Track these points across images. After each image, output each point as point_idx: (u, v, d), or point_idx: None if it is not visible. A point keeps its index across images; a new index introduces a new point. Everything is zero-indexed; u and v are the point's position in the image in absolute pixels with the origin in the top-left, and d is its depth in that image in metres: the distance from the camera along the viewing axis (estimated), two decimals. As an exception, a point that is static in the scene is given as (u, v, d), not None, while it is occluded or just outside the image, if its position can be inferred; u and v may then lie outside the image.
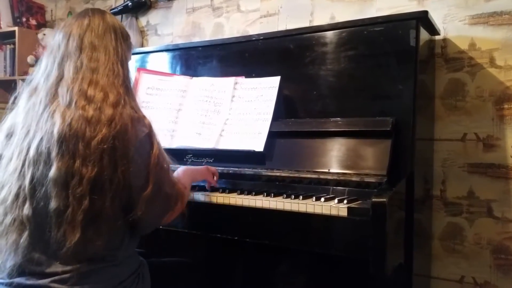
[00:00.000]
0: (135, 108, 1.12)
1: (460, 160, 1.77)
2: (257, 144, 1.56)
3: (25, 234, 1.02)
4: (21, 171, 1.04)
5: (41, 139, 1.02)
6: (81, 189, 0.99)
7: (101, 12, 1.19)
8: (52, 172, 0.99)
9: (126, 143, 1.03)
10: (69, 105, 1.04)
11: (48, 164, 1.01)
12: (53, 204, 1.00)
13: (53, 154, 1.00)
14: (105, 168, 1.00)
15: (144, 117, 1.11)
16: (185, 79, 1.85)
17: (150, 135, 1.09)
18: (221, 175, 1.59)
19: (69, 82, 1.07)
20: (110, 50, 1.14)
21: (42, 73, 1.13)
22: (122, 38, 1.19)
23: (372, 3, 1.97)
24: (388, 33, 1.50)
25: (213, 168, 1.52)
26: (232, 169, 1.60)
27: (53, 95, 1.07)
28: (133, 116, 1.07)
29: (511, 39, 1.68)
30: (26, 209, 1.02)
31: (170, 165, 1.18)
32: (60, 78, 1.09)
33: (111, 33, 1.16)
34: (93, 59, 1.10)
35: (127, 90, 1.13)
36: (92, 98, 1.05)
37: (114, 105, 1.05)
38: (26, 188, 1.02)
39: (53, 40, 1.16)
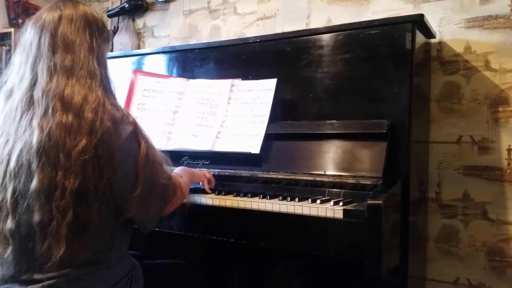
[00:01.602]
0: (117, 106, 1.07)
1: (456, 162, 1.78)
2: (254, 146, 1.56)
3: (10, 249, 0.99)
4: (2, 182, 1.00)
5: (21, 150, 0.98)
6: (64, 202, 0.95)
7: (74, 4, 1.11)
8: (34, 184, 0.96)
9: (110, 149, 0.99)
10: (45, 113, 0.99)
11: (29, 176, 0.97)
12: (36, 218, 0.96)
13: (34, 166, 0.96)
14: (89, 178, 0.97)
15: (127, 114, 1.06)
16: (182, 81, 1.86)
17: (135, 133, 1.04)
18: (218, 177, 1.59)
19: (43, 86, 1.01)
20: (85, 47, 1.07)
21: (16, 74, 1.07)
22: (98, 31, 1.11)
23: (368, 6, 1.98)
24: (384, 36, 1.51)
25: (209, 175, 1.52)
26: (228, 171, 1.60)
27: (29, 101, 1.02)
28: (115, 117, 1.02)
29: (506, 43, 1.70)
30: (9, 223, 0.99)
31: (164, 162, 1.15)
32: (34, 81, 1.03)
33: (85, 28, 1.08)
34: (67, 59, 1.04)
35: (106, 90, 1.07)
36: (70, 103, 0.99)
37: (94, 110, 0.99)
38: (8, 202, 0.98)
39: (24, 36, 1.09)
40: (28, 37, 1.08)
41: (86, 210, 0.97)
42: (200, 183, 1.51)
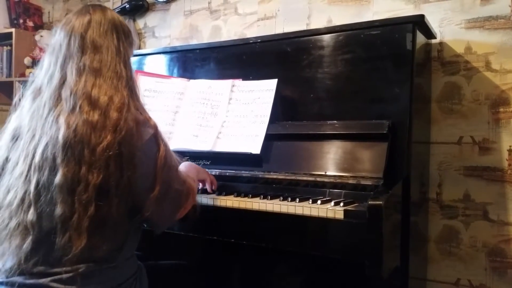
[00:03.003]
0: (140, 110, 1.11)
1: (456, 163, 1.78)
2: (254, 146, 1.56)
3: (29, 239, 1.01)
4: (27, 175, 1.03)
5: (46, 144, 1.01)
6: (87, 195, 0.98)
7: (102, 9, 1.17)
8: (58, 178, 0.99)
9: (131, 148, 1.02)
10: (73, 110, 1.03)
11: (53, 170, 1.00)
12: (58, 211, 0.99)
13: (59, 160, 0.99)
14: (111, 174, 1.00)
15: (149, 118, 1.10)
16: (183, 81, 1.86)
17: (156, 137, 1.08)
18: (218, 178, 1.59)
19: (72, 85, 1.06)
20: (112, 50, 1.12)
21: (45, 74, 1.11)
22: (124, 35, 1.17)
23: (369, 6, 1.98)
24: (385, 37, 1.51)
25: (212, 177, 1.53)
26: (229, 172, 1.60)
27: (57, 98, 1.06)
28: (138, 119, 1.06)
29: (506, 43, 1.70)
30: (31, 215, 1.01)
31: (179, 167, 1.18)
32: (63, 81, 1.07)
33: (113, 32, 1.14)
34: (95, 60, 1.09)
35: (131, 91, 1.12)
36: (96, 102, 1.04)
37: (119, 109, 1.04)
38: (31, 194, 1.01)
39: (54, 39, 1.14)
40: (58, 39, 1.12)
41: (107, 205, 1.00)
42: (200, 184, 1.51)
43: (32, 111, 1.08)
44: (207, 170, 1.59)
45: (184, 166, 1.37)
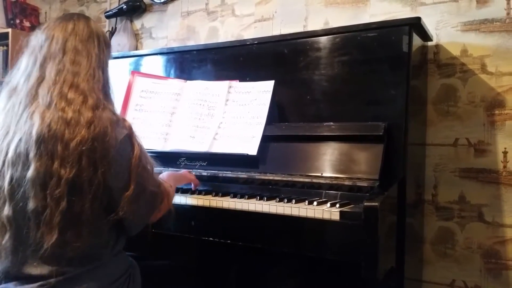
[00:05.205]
0: (114, 112, 1.13)
1: (452, 165, 1.79)
2: (251, 147, 1.56)
3: (7, 236, 1.02)
4: (0, 172, 1.03)
5: (20, 139, 1.02)
6: (59, 190, 0.98)
7: (86, 18, 1.21)
8: (30, 172, 0.99)
9: (106, 145, 1.03)
10: (48, 106, 1.04)
11: (26, 165, 1.00)
12: (31, 205, 0.99)
13: (31, 154, 1.00)
14: (84, 170, 1.00)
15: (123, 119, 1.12)
16: (179, 82, 1.86)
17: (130, 137, 1.09)
18: (214, 179, 1.60)
19: (50, 84, 1.07)
20: (92, 55, 1.15)
21: (22, 73, 1.12)
22: (105, 45, 1.20)
23: (365, 9, 1.99)
24: (381, 39, 1.52)
25: (194, 176, 1.55)
26: (225, 173, 1.60)
27: (33, 96, 1.07)
28: (112, 119, 1.07)
29: (502, 46, 1.71)
30: (6, 210, 1.02)
31: (159, 168, 1.19)
32: (41, 80, 1.09)
33: (94, 40, 1.17)
34: (75, 62, 1.11)
35: (106, 95, 1.15)
36: (72, 101, 1.05)
37: (93, 108, 1.06)
38: (5, 190, 1.02)
39: (34, 41, 1.15)
40: (39, 41, 1.14)
41: (80, 201, 1.00)
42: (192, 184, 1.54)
43: (7, 109, 1.09)
44: (203, 170, 1.59)
45: (165, 175, 1.40)
